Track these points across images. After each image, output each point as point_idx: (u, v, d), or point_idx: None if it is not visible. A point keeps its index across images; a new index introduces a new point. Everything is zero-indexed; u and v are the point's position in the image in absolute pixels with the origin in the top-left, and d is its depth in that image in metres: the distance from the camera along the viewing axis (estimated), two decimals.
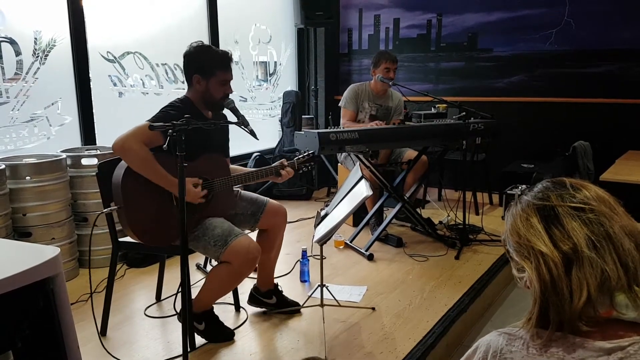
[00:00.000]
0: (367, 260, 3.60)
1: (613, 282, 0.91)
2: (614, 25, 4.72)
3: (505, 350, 0.99)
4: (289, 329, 2.67)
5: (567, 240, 0.94)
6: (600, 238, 0.93)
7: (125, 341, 2.55)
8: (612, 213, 0.97)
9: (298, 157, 2.80)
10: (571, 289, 0.92)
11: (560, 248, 0.94)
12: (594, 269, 0.91)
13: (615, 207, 0.98)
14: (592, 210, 0.96)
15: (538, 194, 1.02)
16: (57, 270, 1.13)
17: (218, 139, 2.68)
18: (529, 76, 5.16)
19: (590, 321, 0.92)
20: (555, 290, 0.93)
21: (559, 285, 0.93)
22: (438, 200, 5.11)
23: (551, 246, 0.95)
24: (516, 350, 0.98)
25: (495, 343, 1.02)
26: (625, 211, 0.99)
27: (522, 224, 1.00)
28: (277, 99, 5.84)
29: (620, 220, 0.96)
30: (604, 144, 4.69)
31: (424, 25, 5.59)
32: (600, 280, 0.91)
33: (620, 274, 0.91)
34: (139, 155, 2.30)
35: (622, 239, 0.94)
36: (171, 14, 4.48)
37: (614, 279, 0.91)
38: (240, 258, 2.36)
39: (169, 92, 4.47)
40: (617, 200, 1.01)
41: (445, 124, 3.83)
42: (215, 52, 2.55)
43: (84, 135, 3.81)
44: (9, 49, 3.37)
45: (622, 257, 0.92)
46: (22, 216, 3.11)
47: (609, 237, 0.94)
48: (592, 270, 0.91)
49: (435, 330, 2.63)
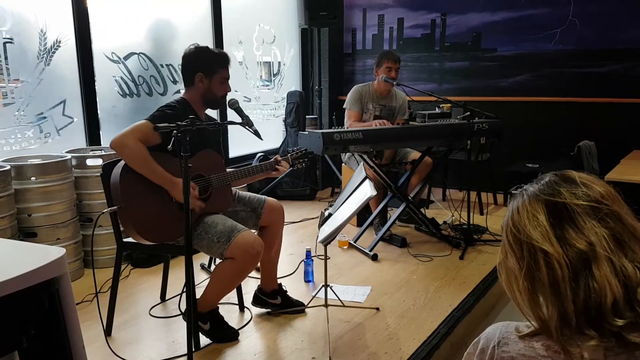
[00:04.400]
0: (371, 260, 3.60)
1: (634, 280, 0.89)
2: (618, 24, 4.70)
3: (502, 344, 0.99)
4: (293, 329, 2.67)
5: (582, 239, 0.91)
6: (617, 236, 0.91)
7: (130, 341, 2.56)
8: (624, 212, 0.95)
9: (291, 152, 2.81)
10: (590, 289, 0.89)
11: (573, 247, 0.91)
12: (615, 266, 0.89)
13: (625, 206, 0.97)
14: (608, 208, 0.93)
15: (546, 189, 0.98)
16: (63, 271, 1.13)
17: (212, 139, 2.72)
18: (533, 76, 5.14)
19: (632, 329, 0.88)
20: (556, 292, 0.91)
21: (562, 287, 0.91)
22: (442, 200, 5.10)
23: (558, 247, 0.92)
24: (513, 342, 0.98)
25: (492, 334, 1.01)
26: (630, 209, 0.97)
27: (529, 220, 0.96)
28: (281, 99, 5.84)
29: (631, 220, 0.95)
30: (609, 143, 4.67)
31: (428, 25, 5.58)
32: (621, 278, 0.89)
33: (637, 273, 0.89)
34: (134, 151, 2.34)
35: (633, 237, 0.93)
36: (176, 14, 4.49)
37: (634, 277, 0.89)
38: (244, 253, 2.37)
39: (173, 92, 4.48)
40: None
41: (450, 124, 3.82)
42: (214, 51, 2.65)
43: (88, 135, 3.83)
44: (14, 49, 3.38)
45: (637, 256, 0.91)
46: (27, 216, 3.12)
47: (625, 236, 0.92)
48: (612, 268, 0.89)
49: (439, 330, 2.62)
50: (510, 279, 1.00)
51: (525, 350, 0.95)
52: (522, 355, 0.95)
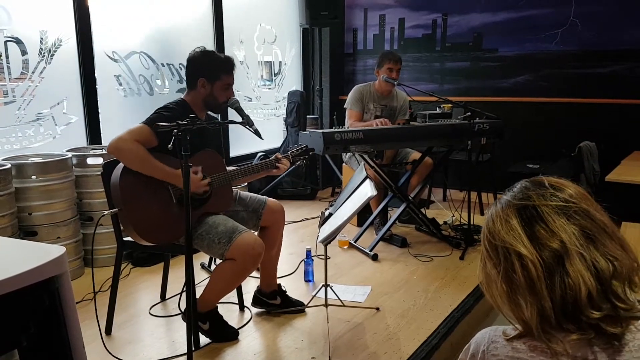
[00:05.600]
0: (371, 260, 3.60)
1: (607, 272, 0.92)
2: (619, 25, 4.70)
3: (491, 347, 1.01)
4: (293, 329, 2.67)
5: (553, 238, 0.94)
6: (587, 232, 0.94)
7: (129, 340, 2.56)
8: (594, 209, 0.98)
9: (292, 149, 2.81)
10: (566, 285, 0.91)
11: (546, 247, 0.94)
12: (586, 261, 0.92)
13: (594, 203, 1.00)
14: (576, 206, 0.97)
15: (518, 194, 1.02)
16: (63, 270, 1.13)
17: (213, 139, 2.71)
18: (534, 76, 5.14)
19: (610, 320, 0.91)
20: (533, 291, 0.94)
21: (538, 286, 0.93)
22: (443, 201, 5.10)
23: (531, 248, 0.95)
24: (501, 346, 1.00)
25: (482, 339, 1.04)
26: (600, 207, 1.00)
27: (502, 225, 1.00)
28: (281, 98, 5.85)
29: (600, 216, 0.98)
30: (609, 144, 4.67)
31: (429, 25, 5.58)
32: (594, 272, 0.92)
33: (609, 266, 0.92)
34: (133, 152, 2.32)
35: (604, 232, 0.95)
36: (176, 13, 4.49)
37: (606, 269, 0.92)
38: (244, 254, 2.36)
39: (175, 91, 4.48)
40: None
41: (451, 124, 3.82)
42: (219, 56, 2.60)
43: (89, 134, 3.83)
44: (15, 48, 3.38)
45: (609, 250, 0.94)
46: (27, 215, 3.12)
47: (596, 231, 0.95)
48: (585, 263, 0.92)
49: (439, 330, 2.62)
50: (490, 285, 1.04)
51: (513, 352, 0.98)
52: (510, 358, 0.98)
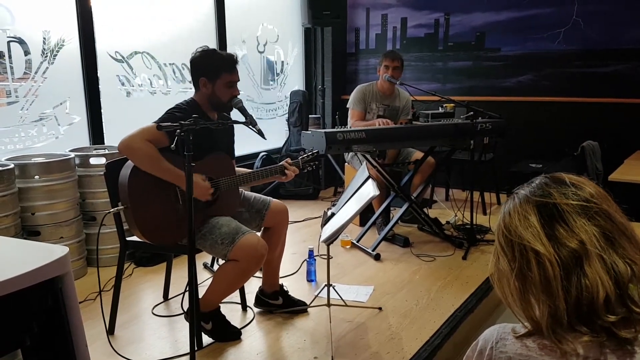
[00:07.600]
0: (374, 260, 3.60)
1: (625, 276, 0.90)
2: (622, 24, 4.69)
3: (499, 344, 1.00)
4: (296, 329, 2.67)
5: (573, 238, 0.92)
6: (608, 233, 0.93)
7: (132, 340, 2.56)
8: (614, 210, 0.97)
9: (303, 156, 2.80)
10: (582, 286, 0.90)
11: (565, 246, 0.92)
12: (606, 263, 0.91)
13: (614, 204, 0.98)
14: (597, 207, 0.95)
15: (537, 190, 1.00)
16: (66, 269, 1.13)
17: (223, 140, 2.69)
18: (537, 76, 5.13)
19: (623, 324, 0.90)
20: (547, 290, 0.93)
21: (553, 286, 0.92)
22: (445, 200, 5.10)
23: (549, 246, 0.93)
24: (510, 343, 0.99)
25: (490, 336, 1.03)
26: (619, 208, 0.99)
27: (520, 221, 0.98)
28: (284, 98, 5.85)
29: (620, 218, 0.96)
30: (612, 144, 4.66)
31: (431, 25, 5.57)
32: (613, 275, 0.90)
33: (628, 269, 0.91)
34: (145, 152, 2.32)
35: (623, 235, 0.94)
36: (179, 13, 4.49)
37: (625, 273, 0.90)
38: (247, 255, 2.36)
39: (177, 91, 4.49)
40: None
41: (453, 124, 3.81)
42: (220, 54, 2.57)
43: (92, 134, 3.84)
44: (18, 48, 3.39)
45: (628, 253, 0.92)
46: (30, 215, 3.13)
47: (615, 234, 0.93)
48: (604, 265, 0.90)
49: (442, 330, 2.62)
50: (502, 281, 1.02)
51: (522, 350, 0.97)
52: (518, 355, 0.97)
